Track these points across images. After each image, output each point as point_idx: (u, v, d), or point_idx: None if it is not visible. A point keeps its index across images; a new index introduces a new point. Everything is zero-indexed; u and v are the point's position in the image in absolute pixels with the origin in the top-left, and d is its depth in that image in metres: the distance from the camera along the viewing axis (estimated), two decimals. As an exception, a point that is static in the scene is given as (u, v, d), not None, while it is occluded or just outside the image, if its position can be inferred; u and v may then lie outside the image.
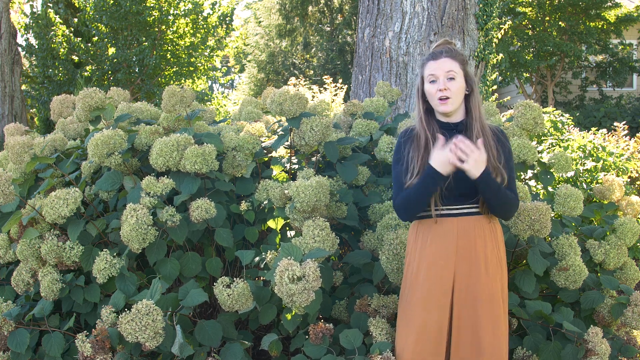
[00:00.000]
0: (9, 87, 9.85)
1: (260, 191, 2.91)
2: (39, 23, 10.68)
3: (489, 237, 2.21)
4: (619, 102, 13.35)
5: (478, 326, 2.15)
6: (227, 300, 2.42)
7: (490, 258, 2.20)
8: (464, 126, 2.24)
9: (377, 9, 5.23)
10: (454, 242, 2.18)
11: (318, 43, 18.24)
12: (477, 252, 2.18)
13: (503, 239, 2.30)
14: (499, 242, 2.25)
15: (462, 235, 2.18)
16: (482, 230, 2.20)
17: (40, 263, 2.80)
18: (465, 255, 2.18)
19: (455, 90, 2.17)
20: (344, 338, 2.48)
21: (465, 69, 2.22)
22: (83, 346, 2.34)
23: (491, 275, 2.18)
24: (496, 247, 2.23)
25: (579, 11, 13.33)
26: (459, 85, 2.18)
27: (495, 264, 2.20)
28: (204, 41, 11.79)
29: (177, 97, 3.00)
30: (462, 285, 2.17)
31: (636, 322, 2.75)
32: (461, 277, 2.17)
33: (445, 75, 2.17)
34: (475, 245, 2.18)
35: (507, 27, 12.36)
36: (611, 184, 3.46)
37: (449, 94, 2.16)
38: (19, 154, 2.92)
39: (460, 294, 2.17)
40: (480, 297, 2.16)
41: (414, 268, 2.25)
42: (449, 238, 2.19)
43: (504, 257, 2.27)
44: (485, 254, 2.19)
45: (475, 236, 2.19)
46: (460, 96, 2.20)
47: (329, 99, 8.61)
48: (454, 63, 2.18)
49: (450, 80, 2.17)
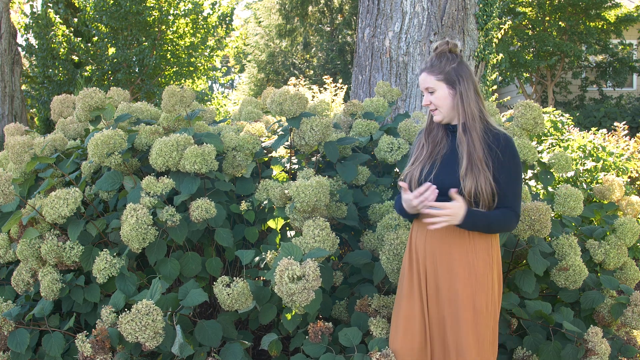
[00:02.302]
0: (9, 87, 9.86)
1: (260, 191, 2.91)
2: (39, 23, 10.68)
3: (459, 241, 2.20)
4: (619, 102, 13.35)
5: (445, 325, 2.21)
6: (227, 299, 2.42)
7: (456, 260, 2.19)
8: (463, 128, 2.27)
9: (377, 9, 5.22)
10: (423, 239, 2.26)
11: (318, 43, 18.24)
12: (442, 252, 2.21)
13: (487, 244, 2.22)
14: (476, 247, 2.20)
15: (431, 234, 2.24)
16: (450, 232, 2.20)
17: (40, 263, 2.80)
18: (431, 254, 2.23)
19: (437, 102, 2.26)
20: (343, 336, 2.48)
21: (446, 74, 2.23)
22: (83, 346, 2.34)
23: (457, 278, 2.18)
24: (471, 251, 2.19)
25: (579, 11, 13.33)
26: (439, 96, 2.25)
27: (463, 267, 2.18)
28: (204, 41, 11.79)
29: (177, 97, 3.00)
30: (430, 282, 2.24)
31: (636, 322, 2.75)
32: (430, 274, 2.24)
33: (426, 91, 2.29)
34: (440, 246, 2.22)
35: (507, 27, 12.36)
36: (611, 184, 3.46)
37: (433, 106, 2.28)
38: (19, 153, 2.92)
39: (430, 291, 2.24)
40: (445, 297, 2.20)
41: (404, 261, 2.36)
42: (422, 235, 2.27)
43: (481, 262, 2.20)
44: (450, 255, 2.20)
45: (441, 236, 2.22)
46: (447, 104, 2.25)
47: (329, 99, 8.61)
48: (429, 78, 2.26)
49: (431, 94, 2.27)
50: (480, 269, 2.20)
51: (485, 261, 2.21)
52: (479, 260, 2.20)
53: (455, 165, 2.20)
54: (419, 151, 2.33)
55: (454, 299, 2.18)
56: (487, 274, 2.21)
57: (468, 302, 2.17)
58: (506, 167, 2.19)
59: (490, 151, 2.18)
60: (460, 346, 2.17)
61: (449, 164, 2.23)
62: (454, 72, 2.23)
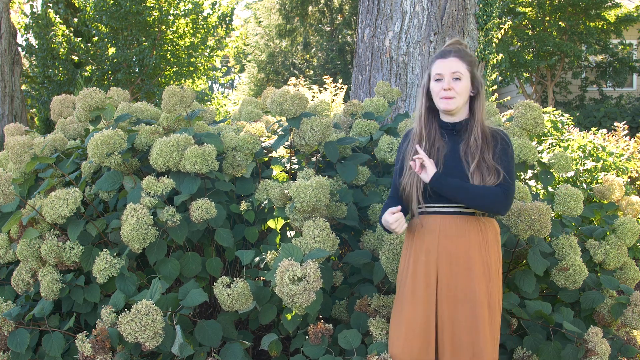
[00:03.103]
0: (9, 87, 9.85)
1: (260, 191, 2.91)
2: (39, 23, 10.68)
3: (474, 238, 2.19)
4: (619, 102, 13.35)
5: (458, 326, 2.16)
6: (227, 300, 2.42)
7: (473, 258, 2.17)
8: (463, 127, 2.26)
9: (377, 9, 5.23)
10: (435, 240, 2.20)
11: (318, 43, 18.24)
12: (458, 251, 2.17)
13: (496, 240, 2.26)
14: (489, 243, 2.21)
15: (444, 234, 2.19)
16: (465, 230, 2.19)
17: (40, 263, 2.80)
18: (446, 253, 2.18)
19: (459, 90, 2.19)
20: (343, 338, 2.48)
21: (473, 70, 2.23)
22: (83, 346, 2.34)
23: (474, 275, 2.16)
24: (484, 248, 2.19)
25: (579, 11, 13.33)
26: (464, 86, 2.20)
27: (479, 265, 2.17)
28: (204, 41, 11.79)
29: (177, 97, 3.00)
30: (443, 283, 2.18)
31: (636, 322, 2.75)
32: (442, 275, 2.19)
33: (451, 75, 2.20)
34: (456, 245, 2.18)
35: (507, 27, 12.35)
36: (611, 184, 3.46)
37: (453, 93, 2.19)
38: (19, 154, 2.92)
39: (442, 292, 2.19)
40: (460, 296, 2.16)
41: (404, 263, 2.30)
42: (432, 235, 2.21)
43: (493, 259, 2.22)
44: (467, 254, 2.17)
45: (457, 235, 2.18)
46: (464, 97, 2.22)
47: (329, 99, 8.61)
48: (461, 64, 2.20)
49: (455, 80, 2.20)
50: (493, 266, 2.21)
51: (496, 257, 2.23)
52: (492, 257, 2.21)
53: (460, 166, 2.20)
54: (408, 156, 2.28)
55: (471, 298, 2.15)
56: (498, 270, 2.23)
57: (484, 299, 2.16)
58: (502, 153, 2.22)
59: (494, 149, 2.22)
60: (477, 344, 2.13)
61: (453, 165, 2.20)
62: (477, 72, 2.25)
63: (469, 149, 2.20)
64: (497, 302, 2.22)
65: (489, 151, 2.20)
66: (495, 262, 2.22)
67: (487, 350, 2.14)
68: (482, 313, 2.14)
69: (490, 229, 2.24)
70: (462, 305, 2.15)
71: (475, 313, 2.14)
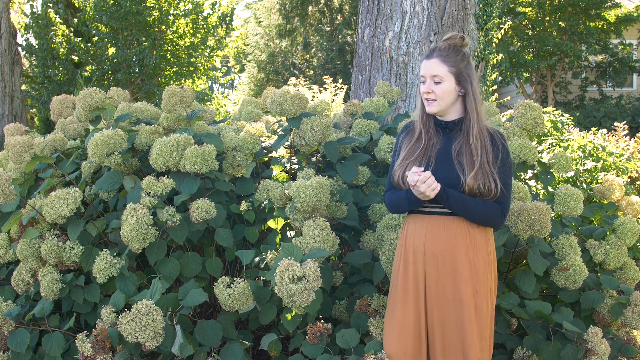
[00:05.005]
0: (9, 87, 9.85)
1: (261, 191, 2.91)
2: (39, 23, 10.68)
3: (461, 240, 2.18)
4: (619, 102, 13.34)
5: (448, 326, 2.17)
6: (228, 300, 2.42)
7: (459, 260, 2.16)
8: (456, 125, 2.25)
9: (377, 9, 5.23)
10: (422, 240, 2.21)
11: (318, 43, 18.24)
12: (444, 253, 2.17)
13: (485, 242, 2.23)
14: (477, 245, 2.19)
15: (430, 235, 2.20)
16: (452, 232, 2.18)
17: (40, 263, 2.80)
18: (432, 255, 2.19)
19: (439, 94, 2.19)
20: (341, 338, 2.49)
21: (459, 70, 2.20)
22: (83, 346, 2.34)
23: (460, 277, 2.16)
24: (471, 250, 2.18)
25: (579, 11, 13.32)
26: (444, 89, 2.19)
27: (466, 266, 2.16)
28: (204, 41, 11.79)
29: (177, 97, 3.00)
30: (431, 284, 2.19)
31: (636, 322, 2.75)
32: (430, 276, 2.19)
33: (432, 79, 2.20)
34: (443, 246, 2.18)
35: (507, 27, 12.35)
36: (611, 184, 3.46)
37: (433, 96, 2.20)
38: (19, 153, 2.92)
39: (430, 293, 2.19)
40: (449, 297, 2.16)
41: (397, 263, 2.30)
42: (420, 236, 2.22)
43: (481, 261, 2.20)
44: (453, 255, 2.17)
45: (443, 236, 2.18)
46: (447, 99, 2.21)
47: (329, 99, 8.61)
48: (442, 66, 2.18)
49: (436, 84, 2.19)
50: (481, 268, 2.19)
51: (484, 260, 2.21)
52: (479, 260, 2.19)
53: (451, 163, 2.19)
54: (411, 145, 2.27)
55: (458, 300, 2.15)
56: (486, 273, 2.21)
57: (471, 300, 2.15)
58: (501, 163, 2.20)
59: (494, 152, 2.20)
60: (465, 345, 2.15)
61: (444, 161, 2.21)
62: (465, 70, 2.21)
63: (463, 151, 2.19)
64: (486, 304, 2.20)
65: (488, 156, 2.19)
66: (483, 264, 2.20)
67: (475, 350, 2.14)
68: (469, 315, 2.15)
69: (479, 231, 2.22)
70: (450, 307, 2.17)
71: (462, 314, 2.15)
